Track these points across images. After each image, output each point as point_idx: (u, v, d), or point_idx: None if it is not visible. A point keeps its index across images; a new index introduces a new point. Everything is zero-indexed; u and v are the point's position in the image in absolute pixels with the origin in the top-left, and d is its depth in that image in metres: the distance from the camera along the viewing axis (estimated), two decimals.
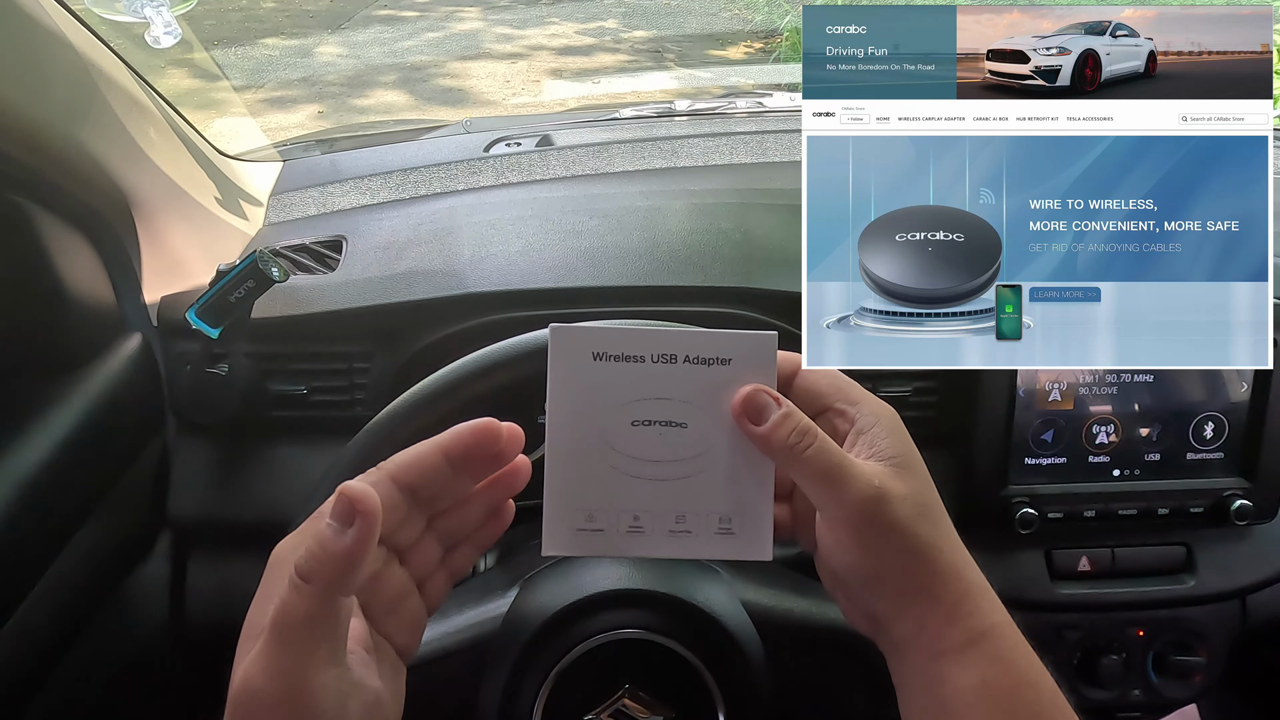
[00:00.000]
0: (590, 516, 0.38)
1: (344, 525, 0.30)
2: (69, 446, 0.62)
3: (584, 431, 0.37)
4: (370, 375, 0.73)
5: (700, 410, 0.38)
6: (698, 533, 0.38)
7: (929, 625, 0.36)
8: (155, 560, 0.72)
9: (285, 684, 0.29)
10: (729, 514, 0.38)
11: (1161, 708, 0.77)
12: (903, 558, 0.36)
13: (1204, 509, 0.71)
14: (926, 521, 0.37)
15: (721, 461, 0.38)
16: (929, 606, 0.36)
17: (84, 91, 0.64)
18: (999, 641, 0.36)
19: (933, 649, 0.36)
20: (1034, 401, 0.70)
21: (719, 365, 0.38)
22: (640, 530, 0.38)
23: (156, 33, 0.68)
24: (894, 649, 0.38)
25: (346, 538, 0.29)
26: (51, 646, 0.62)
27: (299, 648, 0.30)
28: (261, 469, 0.73)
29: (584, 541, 0.38)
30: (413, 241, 0.79)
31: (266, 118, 3.42)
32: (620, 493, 0.38)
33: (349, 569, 0.30)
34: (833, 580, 0.40)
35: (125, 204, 0.70)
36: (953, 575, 0.37)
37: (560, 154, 0.94)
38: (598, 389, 0.37)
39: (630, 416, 0.38)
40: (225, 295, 0.66)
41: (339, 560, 0.29)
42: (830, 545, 0.37)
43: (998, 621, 0.37)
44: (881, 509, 0.36)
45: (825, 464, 0.36)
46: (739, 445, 0.38)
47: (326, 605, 0.30)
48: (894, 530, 0.36)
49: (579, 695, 0.52)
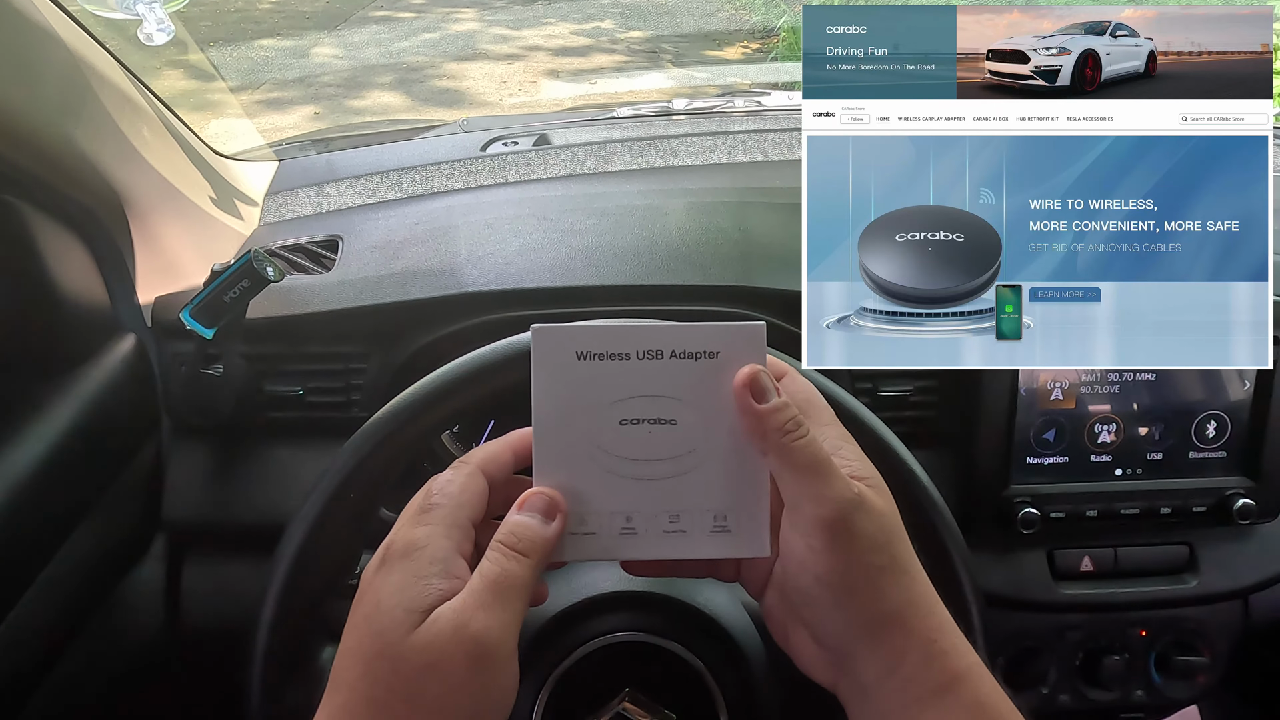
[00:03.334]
0: (581, 520, 0.37)
1: (547, 518, 0.36)
2: (62, 449, 0.62)
3: (571, 433, 0.37)
4: (367, 376, 0.73)
5: (689, 406, 0.37)
6: (692, 532, 0.37)
7: (905, 663, 0.34)
8: (150, 563, 0.72)
9: (507, 634, 0.34)
10: (724, 511, 0.37)
11: (1164, 708, 0.77)
12: (877, 574, 0.35)
13: (1207, 508, 0.71)
14: (901, 543, 0.36)
15: (714, 458, 0.37)
16: (903, 639, 0.34)
17: (77, 89, 0.64)
18: (978, 686, 0.34)
19: (908, 693, 0.34)
20: (1036, 401, 0.70)
21: (706, 359, 0.37)
22: (633, 532, 0.37)
23: (150, 29, 0.68)
24: (860, 694, 0.35)
25: (551, 528, 0.36)
26: (46, 650, 0.62)
27: (517, 606, 0.34)
28: (257, 470, 0.73)
29: (576, 546, 0.37)
30: (409, 241, 0.79)
31: (262, 119, 3.41)
32: (611, 494, 0.37)
33: (552, 549, 0.36)
34: (793, 609, 0.37)
35: (119, 203, 0.69)
36: (926, 606, 0.35)
37: (558, 153, 0.94)
38: (583, 389, 0.37)
39: (618, 416, 0.37)
40: (220, 295, 0.65)
41: (549, 543, 0.36)
42: (801, 554, 0.35)
43: (973, 663, 0.35)
44: (860, 514, 0.35)
45: (814, 457, 0.35)
46: (731, 440, 0.37)
47: (534, 573, 0.35)
48: (871, 541, 0.35)
49: (579, 699, 0.51)
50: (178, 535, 0.73)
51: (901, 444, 0.49)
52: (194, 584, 0.73)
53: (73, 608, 0.64)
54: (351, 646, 0.34)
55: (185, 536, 0.73)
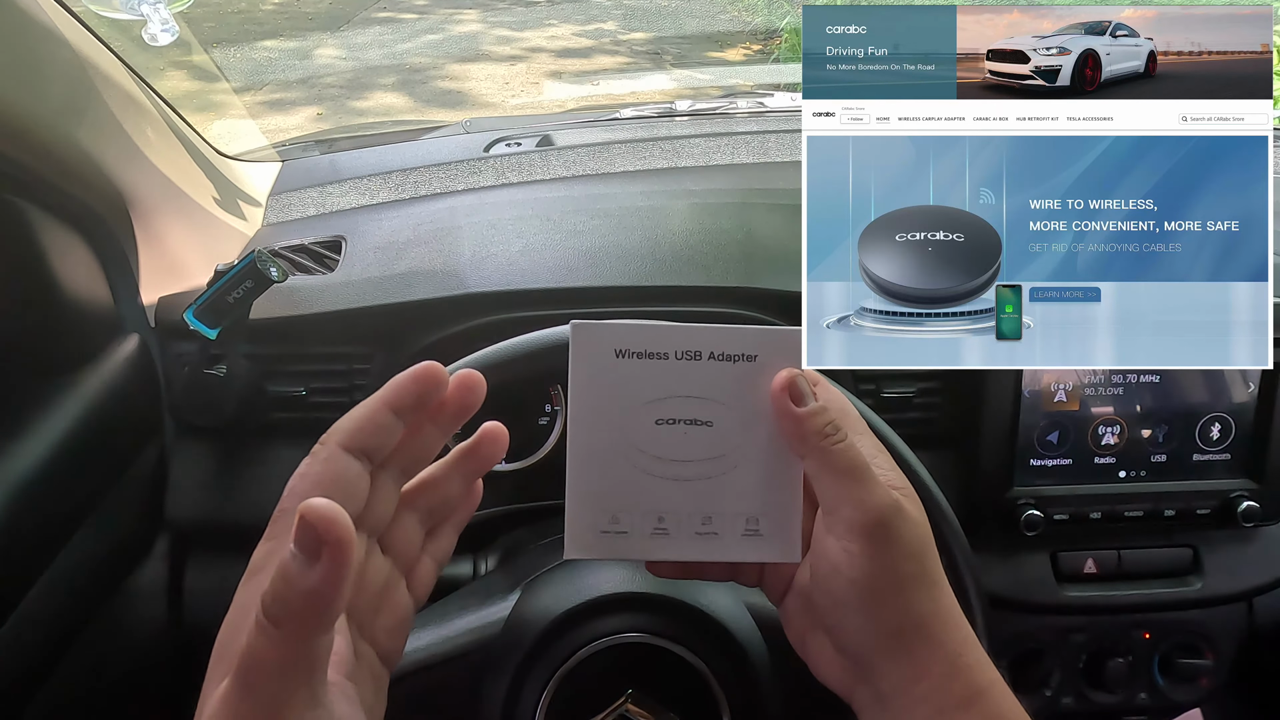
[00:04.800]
0: (614, 518, 0.37)
1: (310, 557, 0.24)
2: (66, 449, 0.62)
3: (607, 431, 0.37)
4: (370, 376, 0.73)
5: (726, 408, 0.37)
6: (724, 534, 0.37)
7: (929, 674, 0.34)
8: (153, 563, 0.72)
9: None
10: (756, 515, 0.37)
11: (1168, 711, 0.77)
12: (909, 583, 0.35)
13: (1211, 510, 0.71)
14: (931, 554, 0.36)
15: (749, 461, 0.37)
16: (928, 650, 0.34)
17: (81, 90, 0.64)
18: (1000, 702, 0.34)
19: (930, 705, 0.34)
20: (1039, 402, 0.70)
21: (744, 362, 0.37)
22: (665, 532, 0.37)
23: (154, 30, 0.68)
24: (878, 704, 0.35)
25: (314, 574, 0.24)
26: (49, 649, 0.62)
27: (269, 699, 0.25)
28: (260, 471, 0.73)
29: (608, 544, 0.37)
30: (412, 242, 0.79)
31: (266, 120, 3.42)
32: (645, 493, 0.37)
33: (323, 608, 0.25)
34: (816, 615, 0.37)
35: (123, 203, 0.69)
36: (953, 619, 0.35)
37: (561, 154, 0.94)
38: (620, 387, 0.36)
39: (654, 415, 0.37)
40: (223, 296, 0.66)
41: (310, 599, 0.25)
42: (836, 558, 0.35)
43: (994, 679, 0.35)
44: (898, 521, 0.35)
45: (854, 461, 0.35)
46: (767, 444, 0.37)
47: (300, 648, 0.25)
48: (907, 549, 0.35)
49: (582, 700, 0.51)
50: (180, 535, 0.73)
51: (905, 445, 0.49)
52: (196, 583, 0.73)
53: (76, 607, 0.64)
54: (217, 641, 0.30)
55: (188, 536, 0.73)
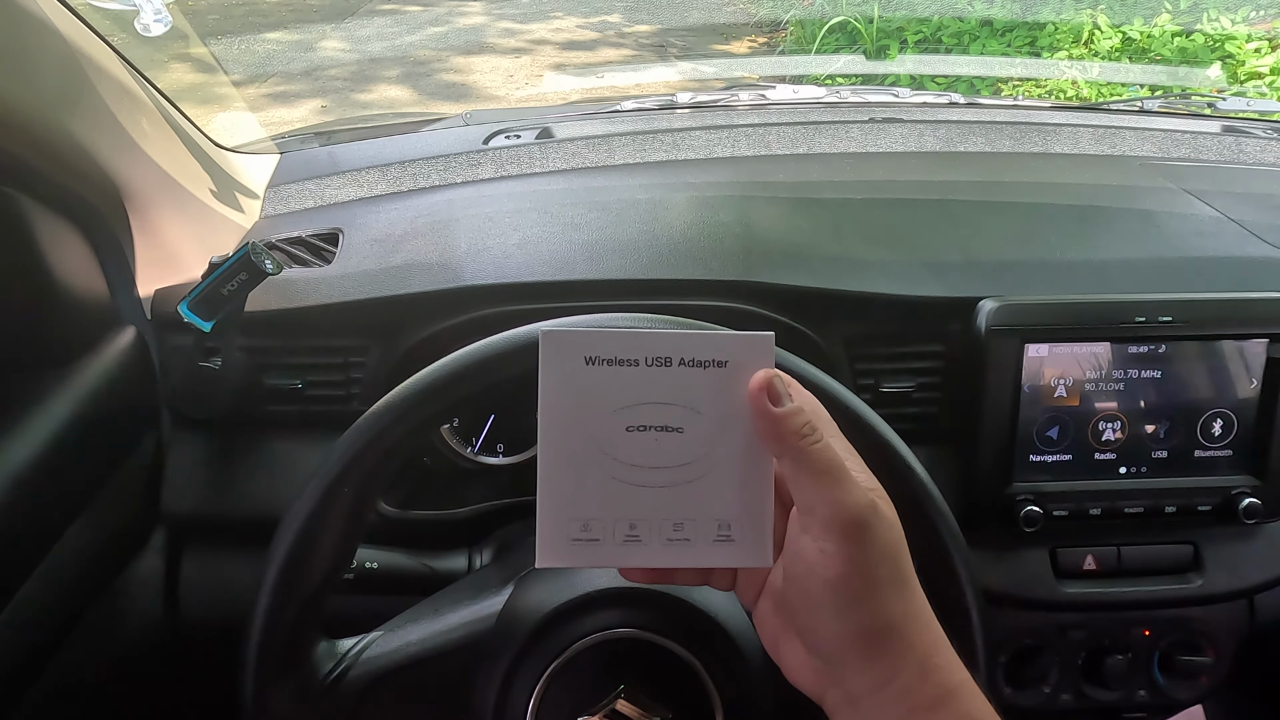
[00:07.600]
0: (585, 526, 0.37)
1: None
2: (61, 441, 0.61)
3: (577, 439, 0.36)
4: (366, 369, 0.72)
5: (697, 414, 0.37)
6: (696, 540, 0.37)
7: (900, 675, 0.34)
8: (149, 556, 0.72)
9: None
10: (728, 520, 0.37)
11: (1167, 708, 0.76)
12: (885, 583, 0.35)
13: (1212, 507, 0.70)
14: (905, 556, 0.36)
15: (720, 466, 0.37)
16: (900, 652, 0.34)
17: (74, 80, 0.64)
18: (970, 702, 0.34)
19: (901, 705, 0.34)
20: (1039, 397, 0.69)
21: (715, 368, 0.37)
22: (637, 539, 0.37)
23: (146, 20, 0.67)
24: (850, 705, 0.35)
25: None
26: (45, 642, 0.62)
27: None
28: (256, 464, 0.73)
29: (579, 552, 0.37)
30: (409, 234, 0.78)
31: (269, 112, 3.42)
32: (616, 501, 0.37)
33: None
34: (789, 616, 0.37)
35: (118, 195, 0.69)
36: (925, 620, 0.35)
37: (560, 146, 0.93)
38: (591, 394, 0.36)
39: (625, 422, 0.37)
40: (218, 288, 0.65)
41: None
42: (811, 558, 0.35)
43: (964, 679, 0.35)
44: (874, 522, 0.35)
45: (831, 461, 0.35)
46: (738, 449, 0.37)
47: None
48: (883, 549, 0.35)
49: (574, 696, 0.51)
50: (177, 527, 0.73)
51: (899, 439, 0.49)
52: (193, 576, 0.73)
53: (72, 599, 0.64)
54: None
55: (184, 529, 0.73)
